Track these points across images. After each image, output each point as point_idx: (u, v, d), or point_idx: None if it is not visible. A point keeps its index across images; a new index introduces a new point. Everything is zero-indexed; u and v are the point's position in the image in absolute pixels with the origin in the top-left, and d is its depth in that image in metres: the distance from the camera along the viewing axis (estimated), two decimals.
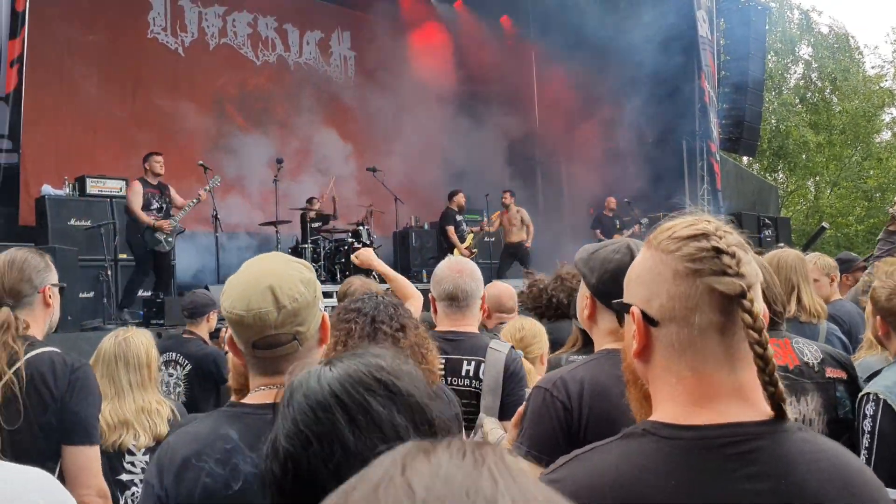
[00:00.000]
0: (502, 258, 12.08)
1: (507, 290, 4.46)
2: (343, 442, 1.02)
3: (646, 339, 1.16)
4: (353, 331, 2.13)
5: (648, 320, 1.15)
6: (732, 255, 1.10)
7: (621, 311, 1.25)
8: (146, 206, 8.26)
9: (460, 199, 11.95)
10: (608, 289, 1.97)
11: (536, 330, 3.49)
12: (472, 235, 11.85)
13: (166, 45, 12.58)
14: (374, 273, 10.47)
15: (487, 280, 8.47)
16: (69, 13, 11.10)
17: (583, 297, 2.11)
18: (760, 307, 1.09)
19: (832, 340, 3.53)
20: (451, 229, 11.79)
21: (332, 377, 1.08)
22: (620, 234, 12.43)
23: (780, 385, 1.08)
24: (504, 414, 2.75)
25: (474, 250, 11.81)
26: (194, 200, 8.54)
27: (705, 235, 1.12)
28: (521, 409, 2.07)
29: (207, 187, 8.66)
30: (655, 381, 1.18)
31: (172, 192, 8.65)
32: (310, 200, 11.20)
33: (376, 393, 1.06)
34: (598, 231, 12.64)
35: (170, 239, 8.34)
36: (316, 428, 1.03)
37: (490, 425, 2.64)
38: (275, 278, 1.58)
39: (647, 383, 1.20)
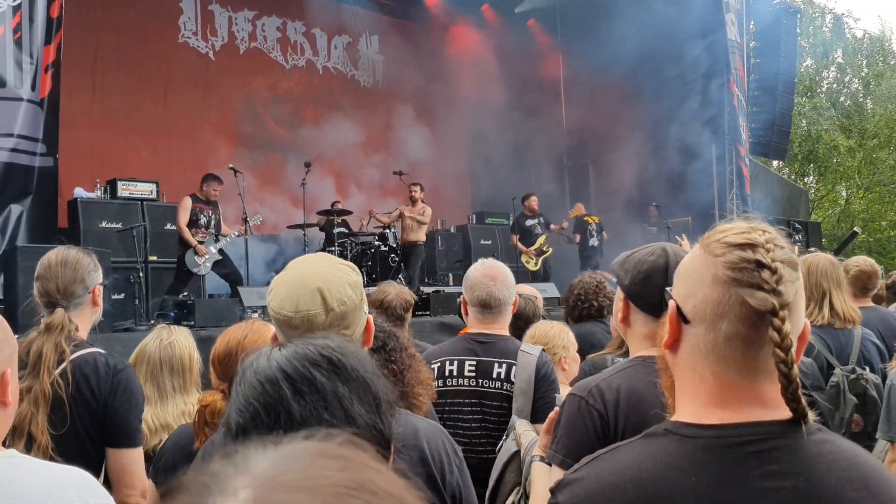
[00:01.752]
0: (401, 259, 10.97)
1: (532, 294, 4.46)
2: (288, 410, 1.07)
3: (676, 333, 1.19)
4: None
5: (682, 316, 1.17)
6: (774, 272, 1.10)
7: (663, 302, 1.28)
8: (194, 222, 8.48)
9: (531, 202, 11.94)
10: (641, 290, 1.98)
11: (553, 333, 3.45)
12: (543, 237, 11.85)
13: (197, 50, 12.73)
14: (400, 276, 10.56)
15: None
16: (101, 19, 11.28)
17: (617, 299, 2.11)
18: (792, 327, 1.09)
19: (867, 346, 3.48)
20: (514, 238, 11.87)
21: (281, 355, 1.14)
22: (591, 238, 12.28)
23: (803, 402, 1.09)
24: (536, 417, 2.74)
25: (548, 249, 11.82)
26: (234, 234, 8.75)
27: (752, 246, 1.12)
28: (552, 415, 2.06)
29: (250, 224, 8.89)
30: (680, 377, 1.20)
31: (220, 212, 8.88)
32: (333, 205, 11.23)
33: (320, 366, 1.12)
34: (577, 236, 12.42)
35: (207, 264, 8.51)
36: (263, 399, 1.09)
37: (522, 428, 2.63)
38: (323, 280, 1.58)
39: (674, 376, 1.23)
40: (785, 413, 1.11)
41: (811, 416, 1.11)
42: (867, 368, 3.33)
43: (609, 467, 1.16)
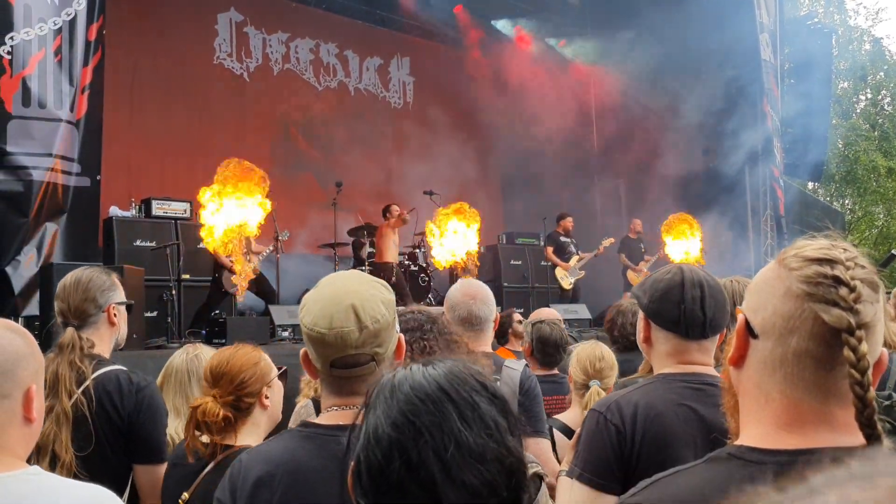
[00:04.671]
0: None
1: (555, 318, 4.40)
2: (455, 436, 1.03)
3: (743, 348, 1.14)
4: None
5: (750, 330, 1.13)
6: (852, 289, 1.05)
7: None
8: None
9: (566, 223, 12.04)
10: (659, 307, 2.03)
11: (614, 361, 3.44)
12: (577, 257, 11.85)
13: (232, 71, 12.92)
14: (429, 297, 10.56)
15: (535, 307, 8.35)
16: (139, 41, 11.50)
17: (639, 320, 2.14)
18: (869, 349, 1.03)
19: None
20: (549, 250, 11.96)
21: (438, 374, 1.10)
22: (644, 260, 12.25)
23: (879, 427, 1.03)
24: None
25: (581, 271, 11.83)
26: (267, 250, 8.80)
27: (831, 262, 1.08)
28: (578, 431, 2.09)
29: (279, 240, 8.91)
30: (745, 395, 1.15)
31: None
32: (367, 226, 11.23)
33: (480, 393, 1.09)
34: (623, 255, 12.43)
35: (243, 284, 8.59)
36: (426, 419, 1.04)
37: None
38: (357, 298, 1.57)
39: (738, 394, 1.18)
40: (856, 438, 1.05)
41: (886, 443, 1.05)
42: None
43: (670, 492, 1.11)
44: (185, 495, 2.18)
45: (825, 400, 1.06)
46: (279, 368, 2.47)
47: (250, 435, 2.28)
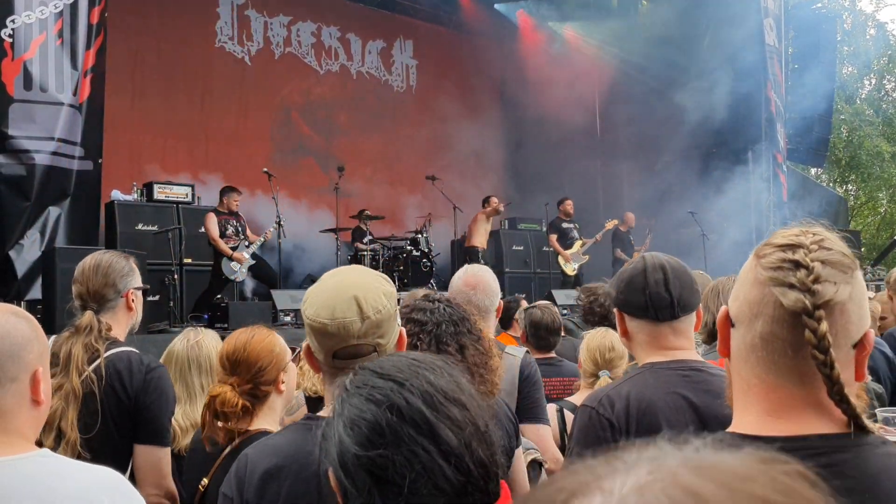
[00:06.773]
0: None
1: (546, 304, 4.44)
2: (430, 382, 1.12)
3: (726, 339, 1.18)
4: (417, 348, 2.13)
5: (730, 319, 1.17)
6: (809, 271, 1.07)
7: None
8: (222, 233, 8.59)
9: (566, 206, 11.95)
10: (627, 296, 2.06)
11: (624, 351, 3.43)
12: (580, 243, 11.81)
13: (233, 54, 12.87)
14: (430, 283, 10.56)
15: (537, 292, 8.31)
16: (139, 24, 11.45)
17: (617, 318, 2.15)
18: (840, 330, 1.05)
19: (875, 356, 3.45)
20: (552, 238, 11.86)
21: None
22: (635, 251, 12.23)
23: (853, 403, 1.05)
24: (522, 415, 2.75)
25: (585, 256, 11.79)
26: (261, 239, 8.79)
27: (794, 246, 1.10)
28: (570, 428, 2.11)
29: (280, 225, 8.89)
30: (733, 384, 1.18)
31: (244, 220, 9.00)
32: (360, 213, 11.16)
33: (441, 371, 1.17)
34: (618, 249, 12.39)
35: (243, 270, 8.59)
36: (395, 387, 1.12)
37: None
38: (359, 289, 1.58)
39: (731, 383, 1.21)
40: (845, 422, 1.07)
41: (871, 425, 1.08)
42: (870, 378, 3.31)
43: None
44: (205, 481, 2.17)
45: (803, 384, 1.08)
46: (292, 350, 2.46)
47: (266, 419, 2.28)
